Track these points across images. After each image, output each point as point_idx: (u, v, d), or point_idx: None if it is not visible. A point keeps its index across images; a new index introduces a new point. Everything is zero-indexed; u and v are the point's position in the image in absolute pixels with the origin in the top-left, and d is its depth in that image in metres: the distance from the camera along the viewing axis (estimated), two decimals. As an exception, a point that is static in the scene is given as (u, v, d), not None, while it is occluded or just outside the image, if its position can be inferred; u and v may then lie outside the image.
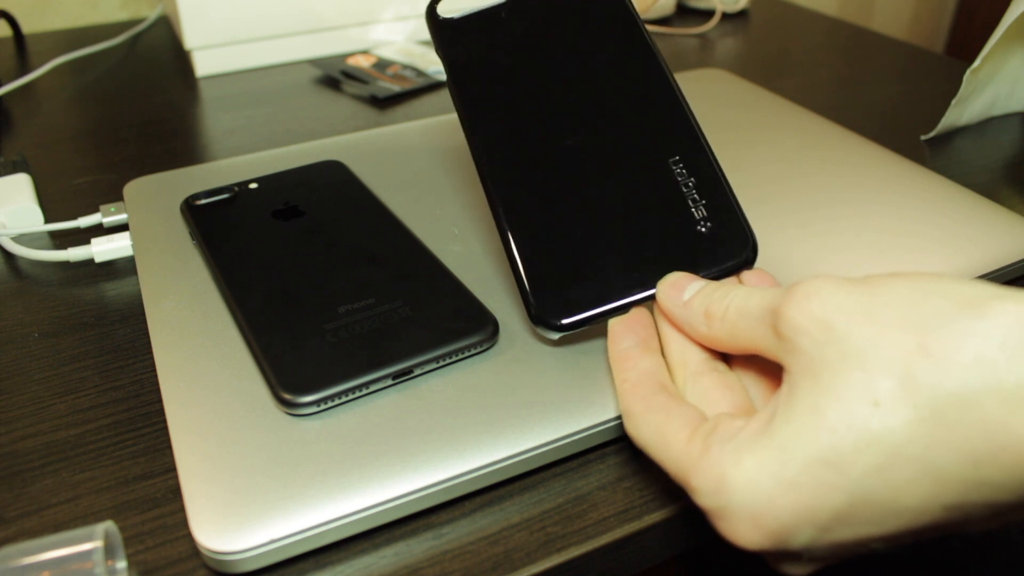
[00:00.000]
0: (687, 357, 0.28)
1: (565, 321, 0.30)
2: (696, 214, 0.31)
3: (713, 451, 0.24)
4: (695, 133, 0.33)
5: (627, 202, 0.32)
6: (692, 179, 0.32)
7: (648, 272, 0.30)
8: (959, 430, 0.20)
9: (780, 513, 0.22)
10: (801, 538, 0.23)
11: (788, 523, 0.22)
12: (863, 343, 0.22)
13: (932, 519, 0.22)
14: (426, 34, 0.74)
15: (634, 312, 0.30)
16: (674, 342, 0.29)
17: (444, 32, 0.36)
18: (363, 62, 0.69)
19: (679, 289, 0.29)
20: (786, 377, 0.24)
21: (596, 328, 0.32)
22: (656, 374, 0.28)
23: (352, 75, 0.66)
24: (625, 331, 0.29)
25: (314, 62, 0.69)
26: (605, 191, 0.32)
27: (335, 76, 0.66)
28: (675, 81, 0.34)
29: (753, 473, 0.23)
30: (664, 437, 0.25)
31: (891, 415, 0.21)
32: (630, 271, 0.31)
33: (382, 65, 0.68)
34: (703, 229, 0.31)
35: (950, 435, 0.21)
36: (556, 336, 0.31)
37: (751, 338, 0.26)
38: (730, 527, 0.23)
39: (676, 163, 0.32)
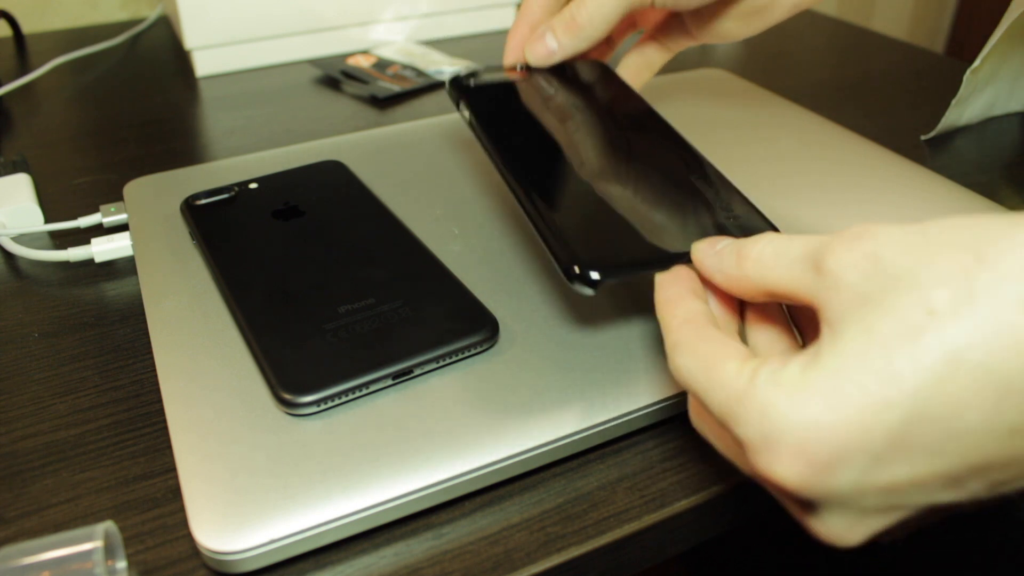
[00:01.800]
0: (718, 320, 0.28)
1: (599, 275, 0.29)
2: (723, 212, 0.32)
3: (760, 378, 0.23)
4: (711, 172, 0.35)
5: (654, 191, 0.33)
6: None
7: (681, 239, 0.30)
8: (1023, 335, 0.19)
9: (829, 435, 0.21)
10: (850, 472, 0.21)
11: (837, 447, 0.21)
12: (914, 265, 0.21)
13: (996, 449, 0.20)
14: (426, 34, 0.74)
15: (677, 267, 0.29)
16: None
17: (471, 97, 0.39)
18: (363, 62, 0.69)
19: (712, 243, 0.28)
20: (824, 316, 0.23)
21: (601, 322, 0.32)
22: (707, 313, 0.27)
23: (352, 75, 0.66)
24: (672, 281, 0.29)
25: (314, 62, 0.69)
26: (633, 182, 0.33)
27: (335, 76, 0.66)
28: (688, 141, 0.36)
29: (801, 396, 0.21)
30: (710, 363, 0.25)
31: (949, 321, 0.20)
32: (664, 237, 0.31)
33: (382, 65, 0.68)
34: (730, 220, 0.31)
35: (1013, 340, 0.19)
36: (590, 292, 0.30)
37: (783, 278, 0.25)
38: (771, 459, 0.22)
39: (697, 178, 0.34)
